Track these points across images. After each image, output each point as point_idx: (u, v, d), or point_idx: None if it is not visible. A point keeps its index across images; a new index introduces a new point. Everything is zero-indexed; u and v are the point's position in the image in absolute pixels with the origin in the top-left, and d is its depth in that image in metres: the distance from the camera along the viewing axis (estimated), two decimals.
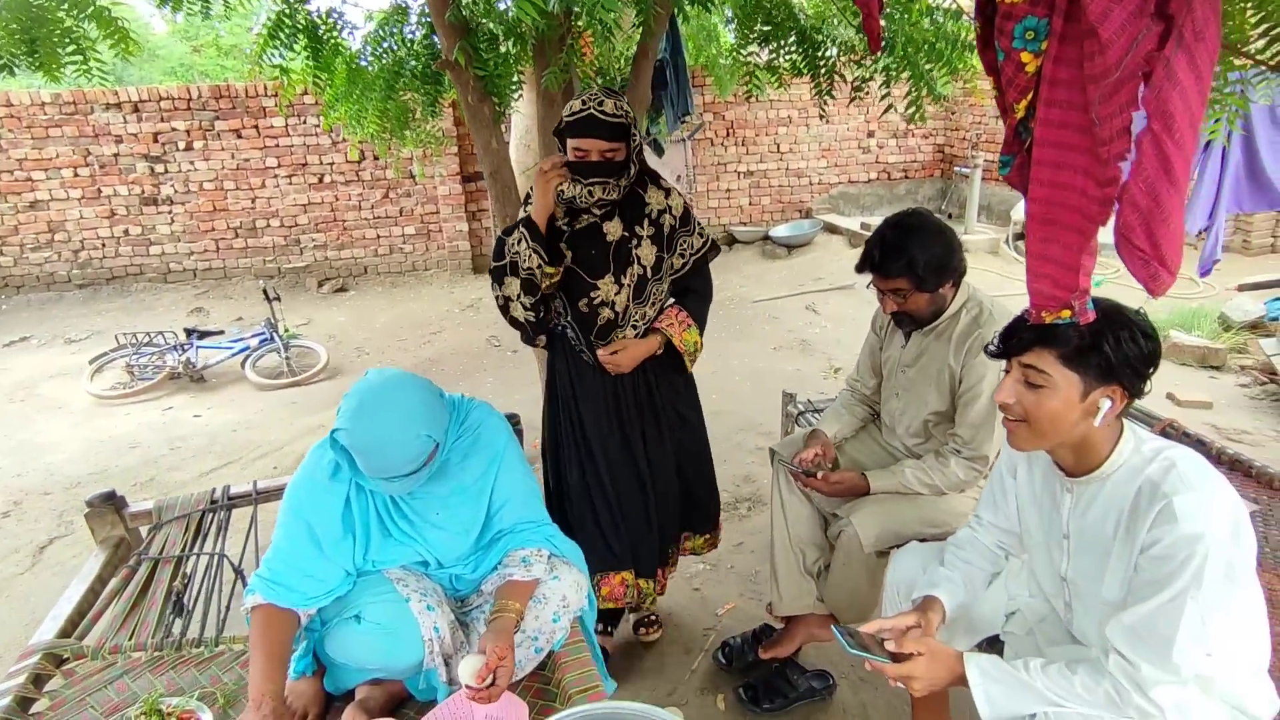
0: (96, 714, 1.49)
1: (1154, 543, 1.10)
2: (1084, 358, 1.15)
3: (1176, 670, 1.08)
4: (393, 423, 1.37)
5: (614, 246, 1.89)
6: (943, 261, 1.74)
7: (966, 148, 7.76)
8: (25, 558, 3.02)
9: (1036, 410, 1.19)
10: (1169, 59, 0.86)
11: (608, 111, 1.75)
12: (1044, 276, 1.13)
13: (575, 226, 1.90)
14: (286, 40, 3.01)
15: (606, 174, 1.80)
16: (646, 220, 1.91)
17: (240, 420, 4.38)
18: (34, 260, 6.77)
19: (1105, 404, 1.16)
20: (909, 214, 1.79)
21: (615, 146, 1.78)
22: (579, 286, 1.91)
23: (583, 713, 1.22)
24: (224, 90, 6.76)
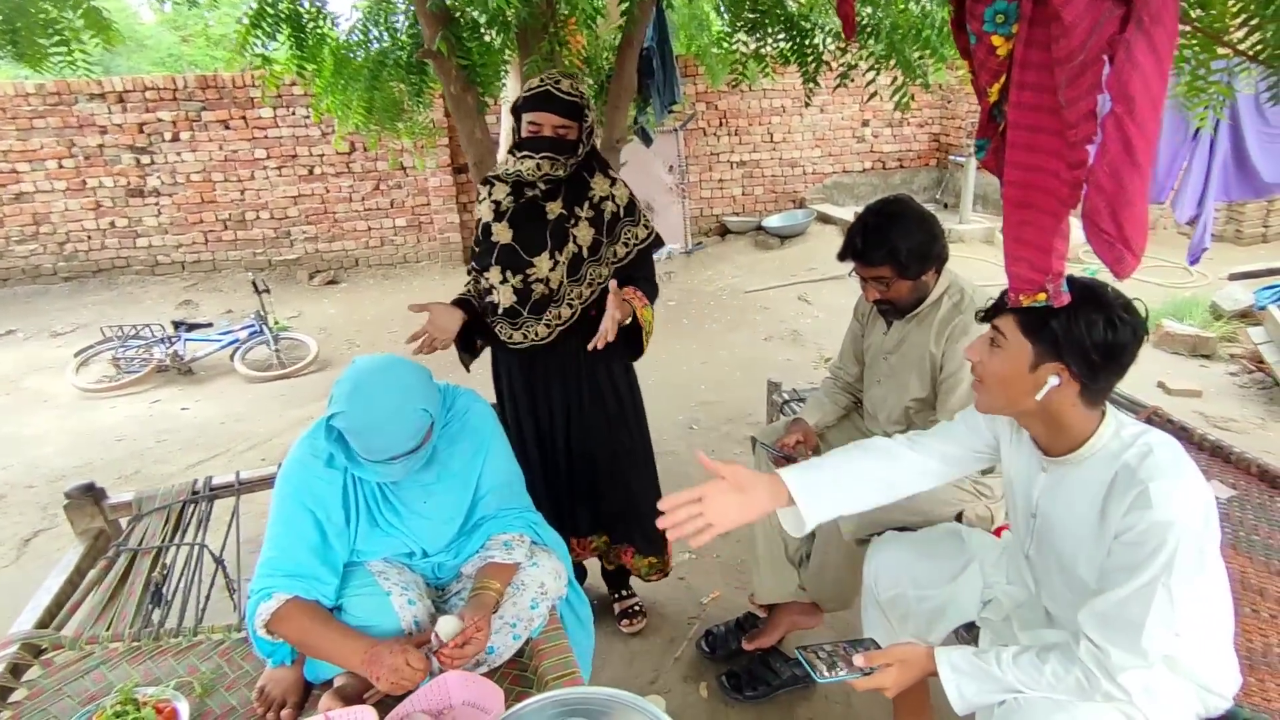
0: (74, 703, 1.49)
1: (1128, 528, 1.10)
2: (1038, 329, 1.16)
3: (1145, 655, 1.09)
4: (390, 399, 1.37)
5: (552, 225, 1.94)
6: (925, 249, 1.73)
7: (962, 136, 7.75)
8: (9, 550, 3.01)
9: (987, 369, 1.22)
10: (1129, 42, 0.86)
11: (564, 89, 1.84)
12: (1021, 259, 1.13)
13: (518, 203, 1.95)
14: (270, 30, 2.99)
15: (557, 150, 1.85)
16: (587, 203, 1.96)
17: (229, 413, 4.37)
18: (19, 253, 6.72)
19: (1051, 380, 1.15)
20: (891, 201, 1.78)
21: (568, 124, 1.85)
22: (517, 262, 1.95)
23: (557, 697, 1.22)
24: (211, 80, 6.71)
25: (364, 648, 1.34)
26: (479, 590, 1.44)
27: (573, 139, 1.87)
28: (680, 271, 6.98)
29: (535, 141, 1.85)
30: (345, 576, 1.48)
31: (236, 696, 1.51)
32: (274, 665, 1.51)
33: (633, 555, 2.23)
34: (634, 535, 2.22)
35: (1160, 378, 3.99)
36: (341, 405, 1.37)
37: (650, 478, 2.25)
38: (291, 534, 1.43)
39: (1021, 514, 1.33)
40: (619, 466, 2.16)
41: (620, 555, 2.25)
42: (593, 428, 2.10)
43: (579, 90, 1.88)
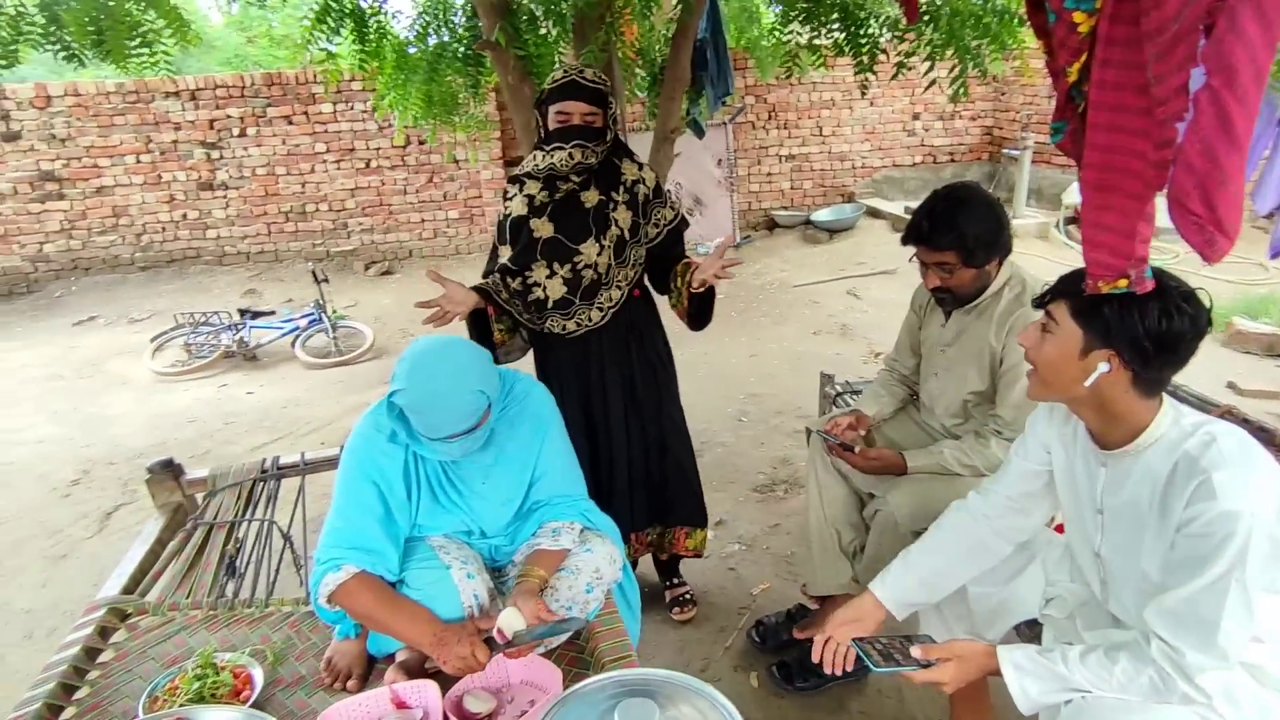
0: (157, 665, 1.57)
1: (1191, 520, 1.07)
2: (1090, 314, 1.14)
3: (1223, 655, 1.05)
4: (448, 378, 1.40)
5: (593, 212, 2.00)
6: (992, 236, 1.70)
7: (1016, 129, 7.50)
8: (93, 523, 3.18)
9: (1039, 354, 1.21)
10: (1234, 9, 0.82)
11: (588, 78, 1.92)
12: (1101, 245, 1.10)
13: (555, 197, 2.00)
14: (333, 25, 3.08)
15: (587, 138, 1.92)
16: (621, 188, 2.02)
17: (290, 397, 4.53)
18: (100, 243, 7.07)
19: (1101, 366, 1.13)
20: (960, 186, 1.75)
21: (595, 111, 1.92)
22: (563, 252, 2.00)
23: (617, 677, 1.24)
24: (276, 78, 6.94)
25: (433, 631, 1.38)
26: (523, 578, 1.46)
27: (599, 126, 1.94)
28: None
29: (564, 131, 1.92)
30: (407, 550, 1.52)
31: (305, 666, 1.57)
32: (339, 638, 1.57)
33: (685, 536, 2.28)
34: (686, 511, 2.27)
35: (1231, 378, 3.81)
36: (401, 383, 1.40)
37: (691, 451, 2.34)
38: (357, 506, 1.47)
39: (1087, 511, 1.30)
40: (671, 444, 2.22)
41: (674, 541, 2.28)
42: (647, 403, 2.16)
43: (603, 78, 1.96)
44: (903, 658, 1.28)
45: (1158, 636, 1.10)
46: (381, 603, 1.42)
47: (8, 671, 2.34)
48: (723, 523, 2.84)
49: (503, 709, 1.38)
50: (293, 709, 1.45)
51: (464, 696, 1.38)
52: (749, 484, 3.11)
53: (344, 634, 1.57)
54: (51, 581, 2.80)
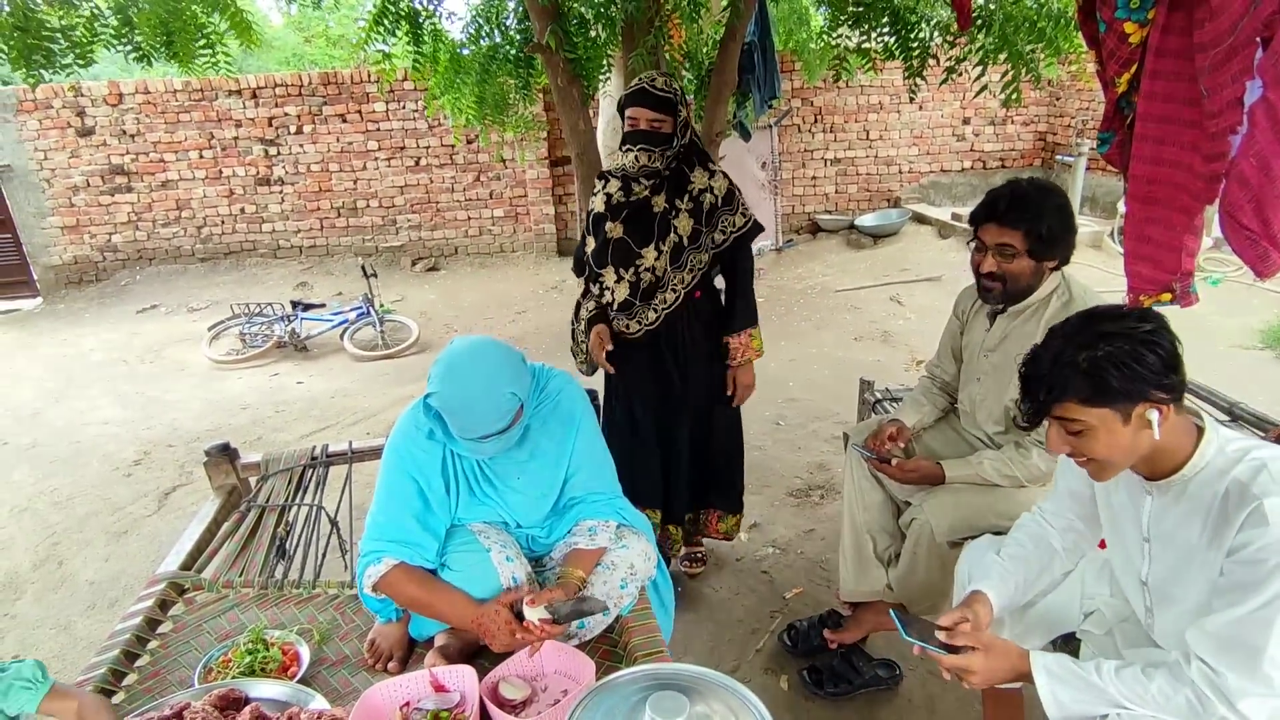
0: (211, 639, 1.65)
1: (1243, 546, 1.04)
2: (1102, 393, 1.10)
3: (1268, 682, 1.02)
4: (479, 382, 1.43)
5: (659, 218, 2.12)
6: (1062, 234, 1.65)
7: (1071, 135, 7.30)
8: (153, 501, 3.34)
9: (1090, 450, 1.15)
10: None
11: (658, 86, 2.03)
12: (1144, 259, 1.09)
13: (629, 199, 2.13)
14: (390, 27, 3.18)
15: (651, 142, 2.03)
16: (687, 196, 2.12)
17: (338, 388, 4.67)
18: (164, 235, 7.38)
19: (1154, 415, 1.10)
20: (1041, 179, 1.73)
21: (661, 118, 2.02)
22: (628, 256, 2.14)
23: (650, 671, 1.26)
24: (331, 77, 7.15)
25: (473, 611, 1.44)
26: (561, 579, 1.51)
27: (667, 132, 2.04)
28: (770, 268, 6.91)
29: (633, 135, 2.04)
30: (448, 535, 1.56)
31: (349, 647, 1.63)
32: (382, 621, 1.63)
33: (718, 519, 2.44)
34: (724, 497, 2.44)
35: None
36: (436, 386, 1.44)
37: (741, 447, 2.50)
38: (397, 502, 1.52)
39: (1131, 538, 1.27)
40: (720, 437, 2.37)
41: (708, 524, 2.44)
42: (704, 383, 2.29)
43: (673, 87, 2.05)
44: (933, 638, 1.27)
45: (1199, 658, 1.07)
46: (424, 589, 1.48)
47: (74, 639, 2.48)
48: (757, 526, 2.84)
49: (536, 697, 1.42)
50: (336, 686, 1.51)
51: (499, 683, 1.41)
52: (785, 488, 3.10)
53: (386, 618, 1.63)
54: (114, 556, 2.95)
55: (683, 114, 2.07)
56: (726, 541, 2.54)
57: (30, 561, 2.94)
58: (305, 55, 15.93)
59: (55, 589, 2.76)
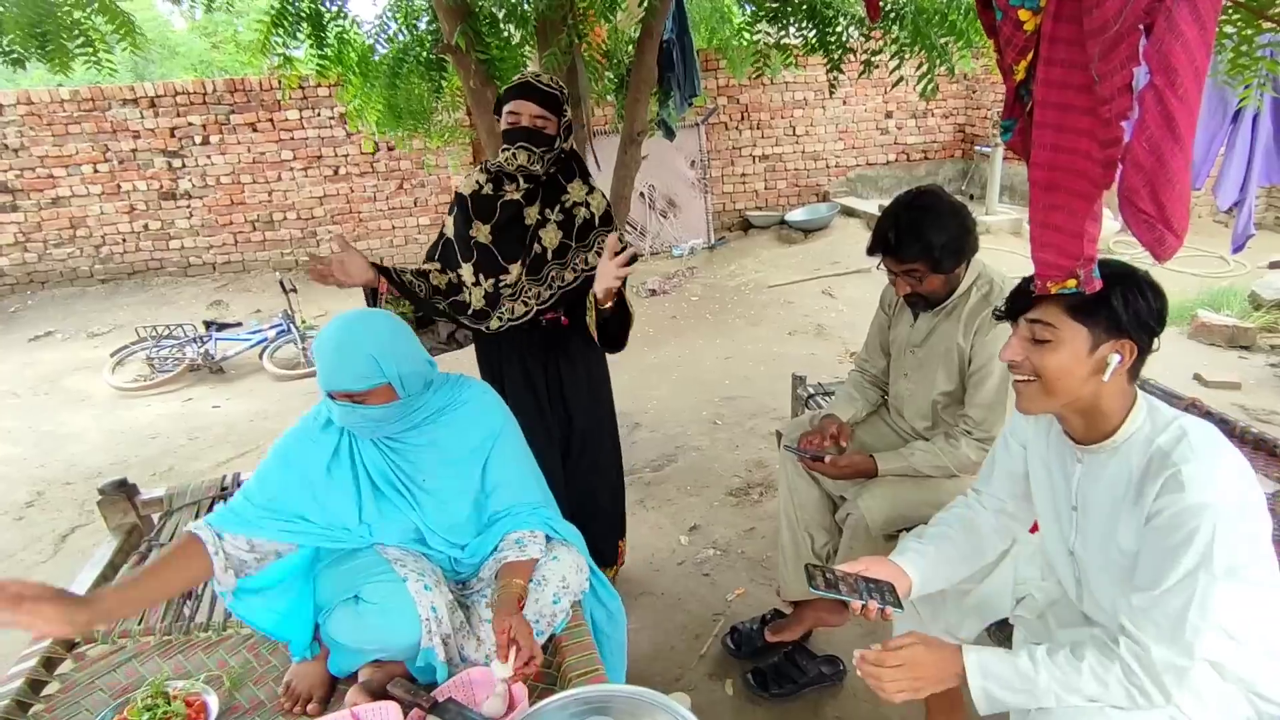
0: (105, 697, 1.51)
1: (1158, 511, 1.06)
2: (1092, 310, 1.12)
3: (1189, 650, 1.04)
4: (349, 335, 1.42)
5: (530, 231, 1.98)
6: (959, 243, 1.69)
7: (988, 126, 7.59)
8: (48, 546, 3.08)
9: (1044, 364, 1.15)
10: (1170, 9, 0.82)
11: (543, 80, 1.91)
12: (1049, 245, 1.09)
13: (499, 196, 1.97)
14: (290, 29, 3.02)
15: (534, 141, 1.88)
16: (559, 207, 1.99)
17: (258, 410, 4.43)
18: (57, 256, 6.88)
19: (1114, 359, 1.12)
20: (923, 193, 1.74)
21: (545, 115, 1.88)
22: (492, 267, 1.99)
23: (580, 695, 1.21)
24: (239, 84, 6.81)
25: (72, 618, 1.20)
26: (501, 589, 1.44)
27: (550, 133, 1.90)
28: (702, 266, 6.94)
29: (512, 132, 1.89)
30: (362, 565, 1.48)
31: (264, 691, 1.52)
32: (298, 659, 1.52)
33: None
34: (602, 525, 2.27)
35: (1197, 369, 3.87)
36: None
37: (616, 481, 2.30)
38: (260, 484, 1.49)
39: (1062, 508, 1.29)
40: (589, 447, 2.21)
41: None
42: (573, 397, 2.15)
43: (559, 85, 1.93)
44: (847, 589, 1.24)
45: (1125, 633, 1.09)
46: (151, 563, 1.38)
47: None
48: (697, 528, 2.82)
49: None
50: None
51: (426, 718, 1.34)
52: (724, 488, 3.09)
53: (301, 655, 1.53)
54: None
55: (566, 116, 1.94)
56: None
57: None
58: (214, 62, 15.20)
59: None
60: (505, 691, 1.34)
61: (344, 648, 1.49)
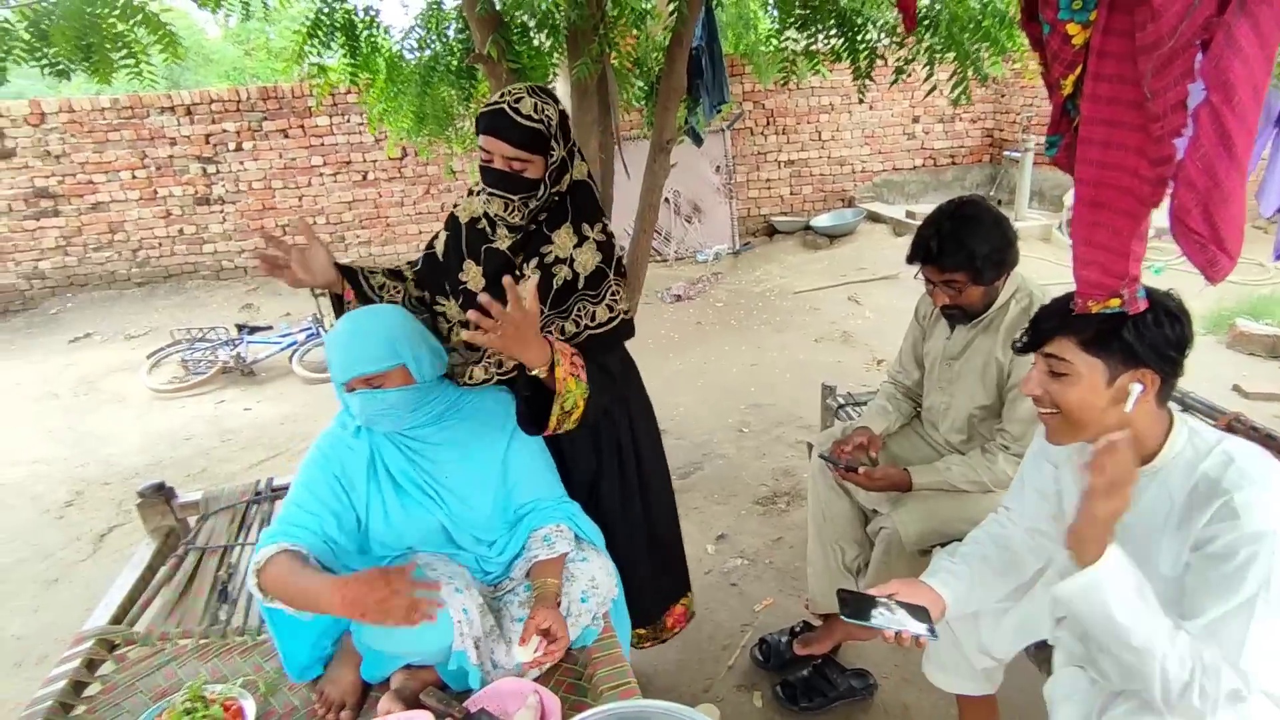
0: (145, 699, 1.54)
1: (1211, 539, 1.04)
2: (1104, 343, 1.10)
3: (1246, 678, 1.02)
4: (361, 323, 1.45)
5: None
6: (1001, 255, 1.68)
7: (1017, 131, 7.49)
8: (86, 545, 3.15)
9: (1063, 398, 1.14)
10: (1230, 24, 0.80)
11: (523, 111, 1.46)
12: (1092, 264, 1.07)
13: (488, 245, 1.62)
14: (324, 39, 3.06)
15: (509, 188, 1.49)
16: (536, 259, 1.57)
17: (288, 413, 4.50)
18: (96, 260, 7.05)
19: (1135, 388, 1.10)
20: (966, 203, 1.72)
21: (524, 157, 1.47)
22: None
23: (613, 710, 1.20)
24: (271, 91, 6.93)
25: (335, 586, 1.25)
26: (536, 589, 1.46)
27: (531, 177, 1.49)
28: (727, 272, 6.92)
29: (485, 173, 1.51)
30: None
31: (298, 696, 1.53)
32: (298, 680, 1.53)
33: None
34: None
35: (1236, 380, 3.77)
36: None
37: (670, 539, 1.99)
38: (308, 493, 1.48)
39: None
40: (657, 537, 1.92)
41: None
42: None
43: (545, 115, 1.48)
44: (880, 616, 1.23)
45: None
46: (290, 573, 1.32)
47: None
48: (724, 537, 2.80)
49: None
50: None
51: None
52: (751, 496, 3.07)
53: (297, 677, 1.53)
54: (43, 607, 2.77)
55: (556, 153, 1.50)
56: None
57: None
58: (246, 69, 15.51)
59: None
60: (537, 703, 1.35)
61: (378, 654, 1.50)
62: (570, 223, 1.58)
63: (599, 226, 1.60)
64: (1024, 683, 1.84)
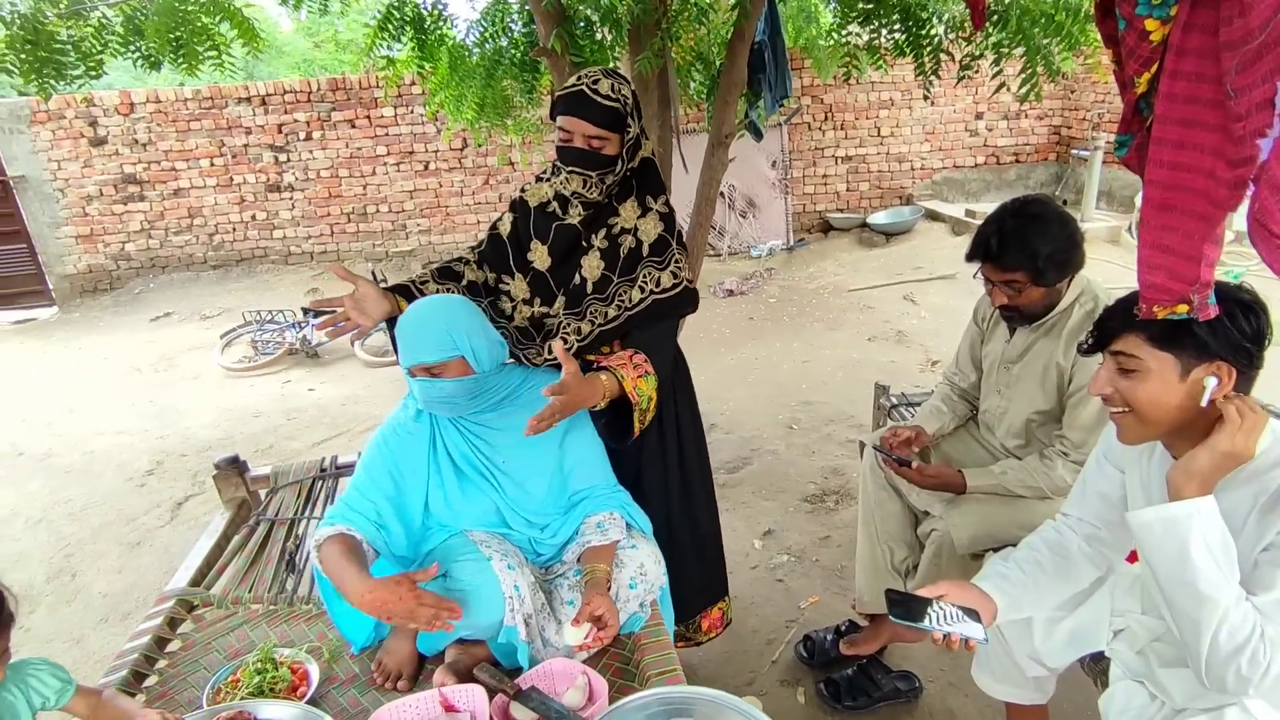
0: (220, 658, 1.64)
1: None
2: (1174, 337, 1.07)
3: None
4: (427, 313, 1.50)
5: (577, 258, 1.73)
6: (1065, 256, 1.63)
7: (1087, 128, 7.20)
8: (165, 512, 3.35)
9: (1134, 396, 1.11)
10: None
11: (601, 92, 1.55)
12: (1159, 268, 1.05)
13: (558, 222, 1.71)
14: (394, 33, 3.17)
15: (588, 164, 1.58)
16: (604, 231, 1.67)
17: (349, 395, 4.67)
18: (176, 243, 7.43)
19: (1210, 382, 1.06)
20: (1031, 201, 1.68)
21: (604, 135, 1.56)
22: (545, 295, 1.76)
23: (662, 695, 1.24)
24: (340, 83, 7.17)
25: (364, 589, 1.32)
26: (587, 575, 1.49)
27: (609, 154, 1.58)
28: (781, 268, 6.86)
29: (565, 151, 1.60)
30: (449, 546, 1.55)
31: (359, 664, 1.60)
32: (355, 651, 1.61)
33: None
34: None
35: None
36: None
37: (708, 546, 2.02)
38: (370, 479, 1.56)
39: None
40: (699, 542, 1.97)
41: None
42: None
43: (623, 95, 1.58)
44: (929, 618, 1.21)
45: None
46: (339, 560, 1.40)
47: (87, 653, 2.48)
48: (771, 533, 2.81)
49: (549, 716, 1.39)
50: (345, 705, 1.49)
51: (510, 704, 1.40)
52: (799, 494, 3.07)
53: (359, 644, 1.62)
54: (127, 568, 2.95)
55: (631, 130, 1.59)
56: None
57: (44, 574, 2.95)
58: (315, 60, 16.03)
59: (69, 602, 2.77)
60: (585, 684, 1.39)
61: None
62: (635, 196, 1.68)
63: (661, 199, 1.70)
64: (1077, 696, 1.81)
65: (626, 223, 1.67)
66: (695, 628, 2.00)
